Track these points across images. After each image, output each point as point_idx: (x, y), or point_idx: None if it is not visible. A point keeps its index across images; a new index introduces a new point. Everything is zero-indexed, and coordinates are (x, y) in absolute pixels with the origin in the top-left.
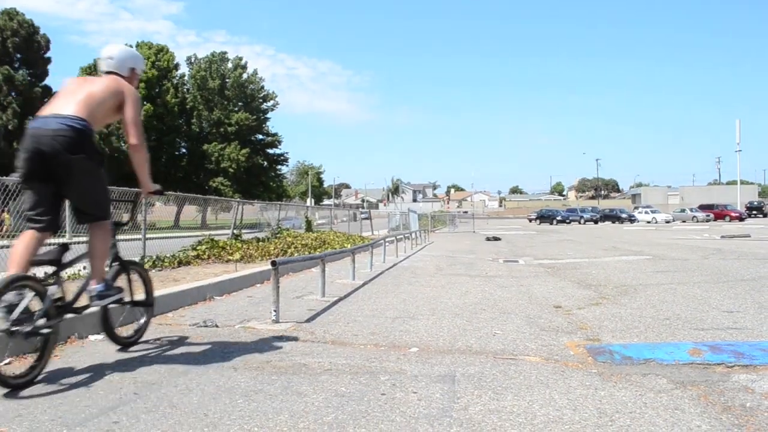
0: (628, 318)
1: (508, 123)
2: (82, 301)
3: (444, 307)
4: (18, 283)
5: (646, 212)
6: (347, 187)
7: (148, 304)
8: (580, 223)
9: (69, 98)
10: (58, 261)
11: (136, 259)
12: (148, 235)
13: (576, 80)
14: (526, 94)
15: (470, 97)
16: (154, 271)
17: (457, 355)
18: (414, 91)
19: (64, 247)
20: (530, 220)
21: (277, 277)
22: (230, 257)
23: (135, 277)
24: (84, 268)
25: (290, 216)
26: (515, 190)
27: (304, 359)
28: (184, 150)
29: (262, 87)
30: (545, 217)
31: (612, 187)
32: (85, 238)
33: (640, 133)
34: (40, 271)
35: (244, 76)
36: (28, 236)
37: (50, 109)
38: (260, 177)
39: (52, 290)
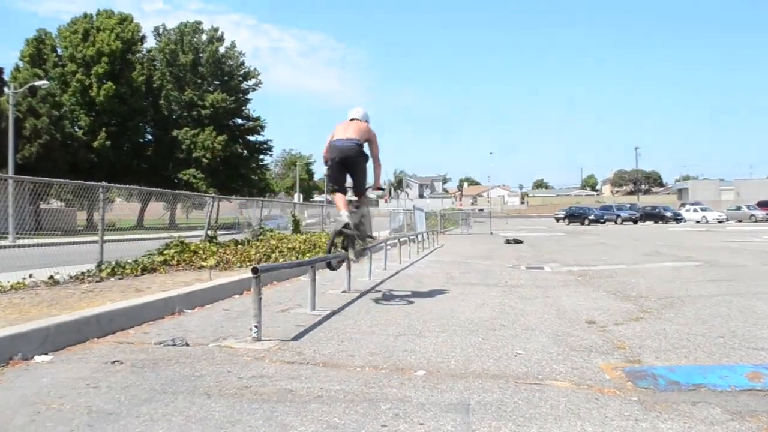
0: (674, 335)
1: (531, 106)
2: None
3: (456, 322)
4: (341, 230)
5: (695, 210)
6: None
7: (370, 237)
8: (616, 222)
9: (348, 130)
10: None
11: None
12: (106, 237)
13: (612, 57)
14: (552, 73)
15: (485, 75)
16: (113, 279)
17: (471, 380)
18: (418, 68)
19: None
20: (558, 220)
21: (259, 286)
22: (203, 263)
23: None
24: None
25: (274, 215)
26: (540, 185)
27: (291, 384)
28: (150, 137)
29: (242, 63)
30: (575, 216)
31: (654, 181)
32: None
33: (688, 118)
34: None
35: (221, 50)
36: (338, 195)
37: (341, 135)
38: (239, 168)
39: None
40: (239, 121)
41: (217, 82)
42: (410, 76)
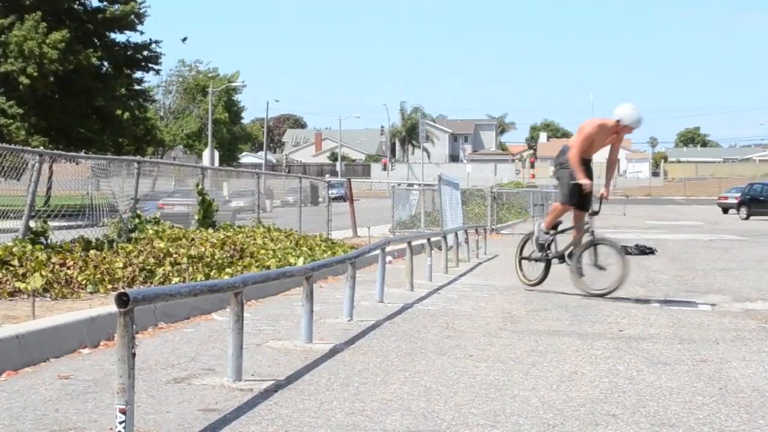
0: None
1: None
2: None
3: (520, 406)
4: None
5: None
6: (299, 125)
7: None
8: None
9: None
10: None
11: None
12: None
13: None
14: None
15: None
16: None
17: None
18: None
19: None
20: (726, 209)
21: (132, 331)
22: (20, 284)
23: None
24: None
25: (164, 190)
26: (692, 138)
27: None
28: None
29: None
30: (760, 202)
31: None
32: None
33: None
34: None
35: None
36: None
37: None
38: (93, 98)
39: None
40: (94, 2)
41: None
42: None
